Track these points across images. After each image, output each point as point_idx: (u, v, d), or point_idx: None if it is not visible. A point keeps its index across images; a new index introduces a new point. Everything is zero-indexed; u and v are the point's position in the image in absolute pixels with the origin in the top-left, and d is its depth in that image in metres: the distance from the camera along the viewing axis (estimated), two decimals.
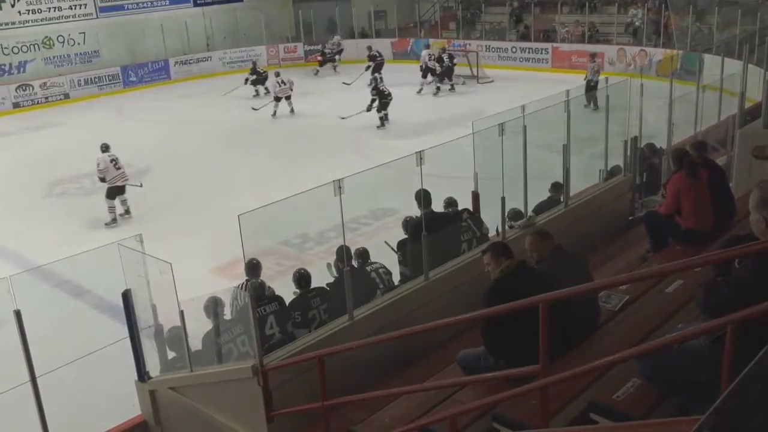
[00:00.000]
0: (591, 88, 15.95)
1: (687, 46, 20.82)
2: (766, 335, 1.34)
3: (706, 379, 3.05)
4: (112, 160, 12.61)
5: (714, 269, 3.78)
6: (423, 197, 6.60)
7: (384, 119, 17.74)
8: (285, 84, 19.53)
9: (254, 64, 23.25)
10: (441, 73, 21.21)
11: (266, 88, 21.14)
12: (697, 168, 6.42)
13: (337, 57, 26.29)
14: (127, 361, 6.02)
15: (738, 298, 3.03)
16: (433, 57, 21.79)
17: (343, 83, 19.21)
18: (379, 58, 22.72)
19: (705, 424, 1.03)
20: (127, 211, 12.60)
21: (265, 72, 22.43)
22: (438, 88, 21.22)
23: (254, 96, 21.75)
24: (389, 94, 17.71)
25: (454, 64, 21.63)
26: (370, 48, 23.64)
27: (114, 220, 12.32)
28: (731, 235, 4.35)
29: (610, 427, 3.56)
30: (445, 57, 21.40)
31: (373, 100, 17.78)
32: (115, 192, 12.50)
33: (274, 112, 19.42)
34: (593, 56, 18.63)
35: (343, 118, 18.04)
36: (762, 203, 3.16)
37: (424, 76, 21.88)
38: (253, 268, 6.89)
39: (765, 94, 8.67)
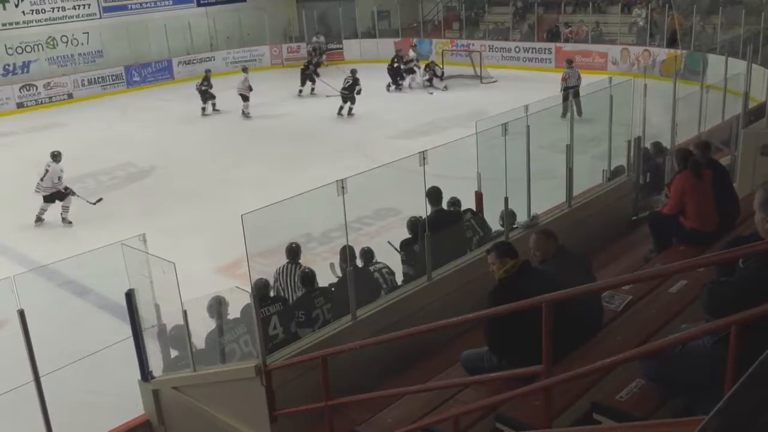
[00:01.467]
0: (575, 95, 15.76)
1: (691, 46, 20.78)
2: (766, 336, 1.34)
3: (710, 379, 3.04)
4: (45, 171, 12.65)
5: (717, 270, 3.78)
6: (434, 195, 6.62)
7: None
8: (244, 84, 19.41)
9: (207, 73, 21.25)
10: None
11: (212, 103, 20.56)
12: (701, 168, 6.40)
13: (323, 58, 25.44)
14: (130, 361, 6.03)
15: (742, 299, 3.02)
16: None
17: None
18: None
19: (708, 425, 1.03)
20: (64, 220, 12.56)
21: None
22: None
23: (202, 113, 20.39)
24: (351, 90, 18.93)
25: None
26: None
27: (36, 220, 12.50)
28: (735, 235, 4.35)
29: (613, 428, 3.56)
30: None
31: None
32: (46, 198, 12.59)
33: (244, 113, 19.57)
34: (570, 62, 18.41)
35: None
36: (767, 203, 3.15)
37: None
38: (292, 251, 7.12)
39: None
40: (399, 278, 6.86)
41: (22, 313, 5.08)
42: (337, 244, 6.92)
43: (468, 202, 7.47)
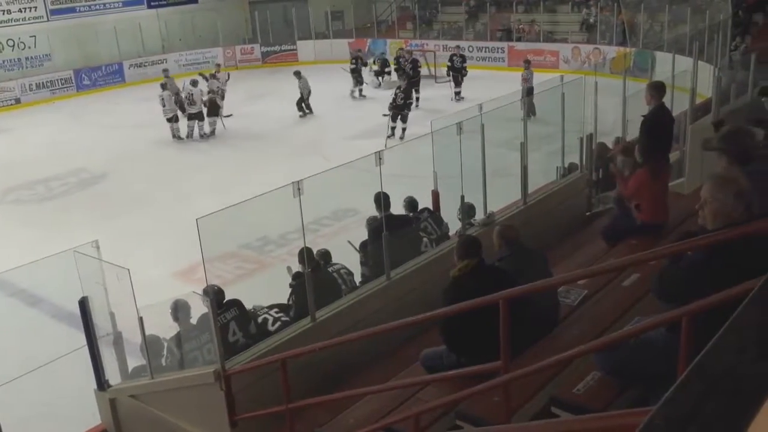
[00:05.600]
0: (528, 93, 15.86)
1: (639, 43, 21.20)
2: (718, 325, 1.38)
3: (664, 370, 3.10)
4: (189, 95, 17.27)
5: (668, 261, 3.87)
6: (383, 200, 6.61)
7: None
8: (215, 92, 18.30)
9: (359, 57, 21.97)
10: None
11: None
12: (659, 170, 6.48)
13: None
14: (86, 370, 5.92)
15: (691, 283, 3.12)
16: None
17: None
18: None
19: (658, 414, 1.06)
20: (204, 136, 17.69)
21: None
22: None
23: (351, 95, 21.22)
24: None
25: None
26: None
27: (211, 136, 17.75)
28: (683, 230, 4.46)
29: (570, 420, 3.61)
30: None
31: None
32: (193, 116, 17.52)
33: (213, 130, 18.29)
34: (528, 63, 18.60)
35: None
36: (716, 186, 3.25)
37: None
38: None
39: (715, 91, 8.87)
40: (358, 279, 6.88)
41: None
42: (295, 246, 6.89)
43: (425, 201, 7.51)
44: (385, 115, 16.89)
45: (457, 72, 19.96)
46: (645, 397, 3.63)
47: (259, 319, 6.22)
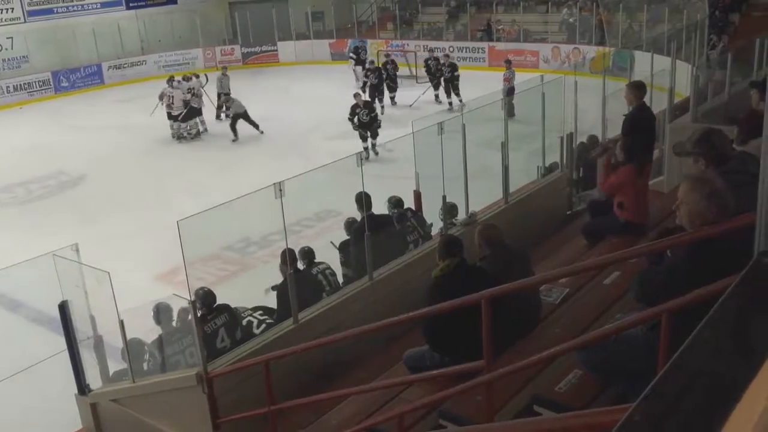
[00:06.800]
0: (508, 93, 15.89)
1: (618, 43, 21.36)
2: (697, 322, 1.39)
3: (644, 367, 3.13)
4: (170, 97, 17.34)
5: (648, 261, 3.90)
6: (364, 200, 6.61)
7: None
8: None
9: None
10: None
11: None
12: (645, 165, 6.54)
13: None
14: (67, 375, 5.87)
15: (671, 285, 3.13)
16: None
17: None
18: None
19: (636, 411, 1.07)
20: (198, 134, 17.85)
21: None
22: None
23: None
24: None
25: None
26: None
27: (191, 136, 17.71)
28: (663, 227, 4.49)
29: (552, 419, 3.63)
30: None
31: None
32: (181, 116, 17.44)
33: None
34: (509, 63, 18.70)
35: None
36: (690, 187, 3.27)
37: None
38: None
39: (693, 90, 8.95)
40: (341, 279, 6.87)
41: None
42: (278, 248, 6.87)
43: (407, 202, 7.51)
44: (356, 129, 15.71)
45: (448, 82, 19.16)
46: (626, 395, 3.65)
47: (244, 322, 6.20)
